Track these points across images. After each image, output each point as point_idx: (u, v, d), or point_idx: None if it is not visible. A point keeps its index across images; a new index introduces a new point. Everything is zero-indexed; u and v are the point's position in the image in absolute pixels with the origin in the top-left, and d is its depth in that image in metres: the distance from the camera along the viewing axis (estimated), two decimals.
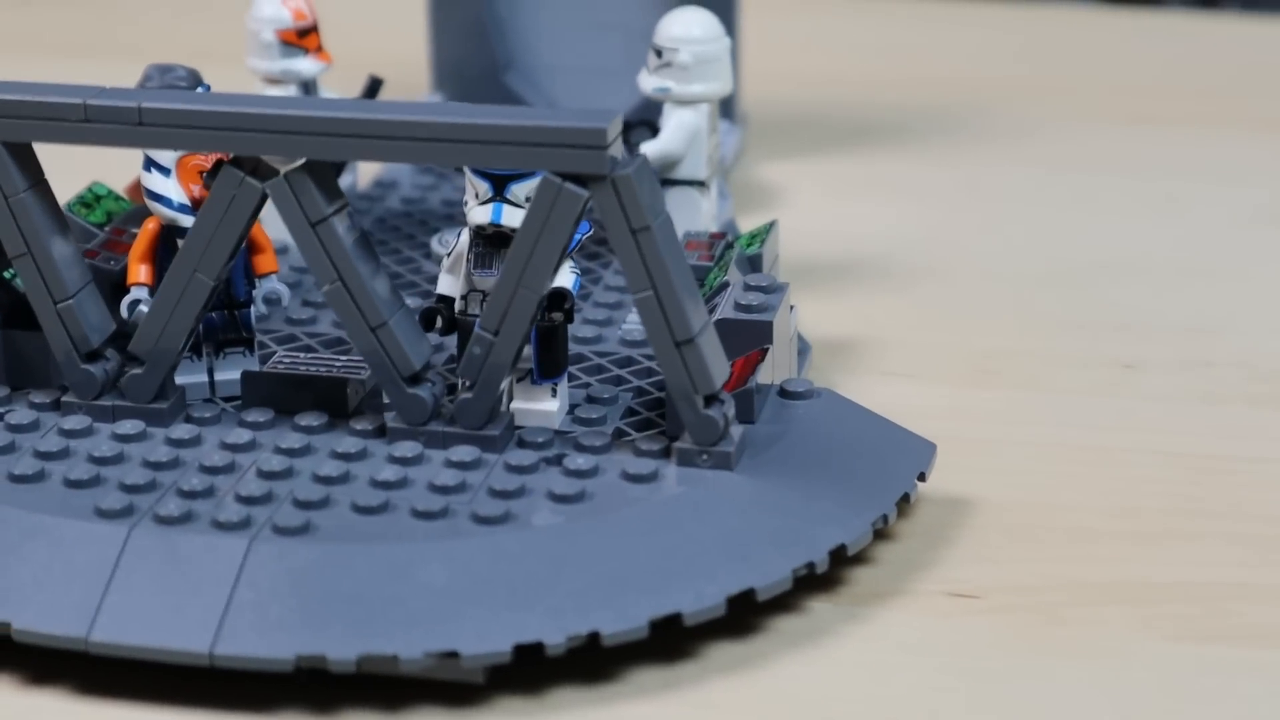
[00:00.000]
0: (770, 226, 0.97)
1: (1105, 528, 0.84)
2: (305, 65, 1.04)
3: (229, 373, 0.88)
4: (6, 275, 0.89)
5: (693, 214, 1.01)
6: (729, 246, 0.96)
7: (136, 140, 0.80)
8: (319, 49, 1.05)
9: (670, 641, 0.75)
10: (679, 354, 0.78)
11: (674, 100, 1.01)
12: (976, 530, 0.83)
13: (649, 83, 1.02)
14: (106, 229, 0.99)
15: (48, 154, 0.82)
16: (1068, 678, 0.74)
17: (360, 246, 0.80)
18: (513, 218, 0.82)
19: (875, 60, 1.43)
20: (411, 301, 0.96)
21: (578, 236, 0.84)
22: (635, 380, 0.89)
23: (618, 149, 0.77)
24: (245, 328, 0.88)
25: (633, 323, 0.94)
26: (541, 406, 0.84)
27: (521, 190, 0.82)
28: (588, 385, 0.88)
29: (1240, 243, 1.12)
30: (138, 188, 0.99)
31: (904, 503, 0.81)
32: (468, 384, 0.80)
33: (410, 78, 1.25)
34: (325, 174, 0.80)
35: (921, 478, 0.83)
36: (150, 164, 0.87)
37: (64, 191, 0.88)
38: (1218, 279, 1.07)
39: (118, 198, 1.00)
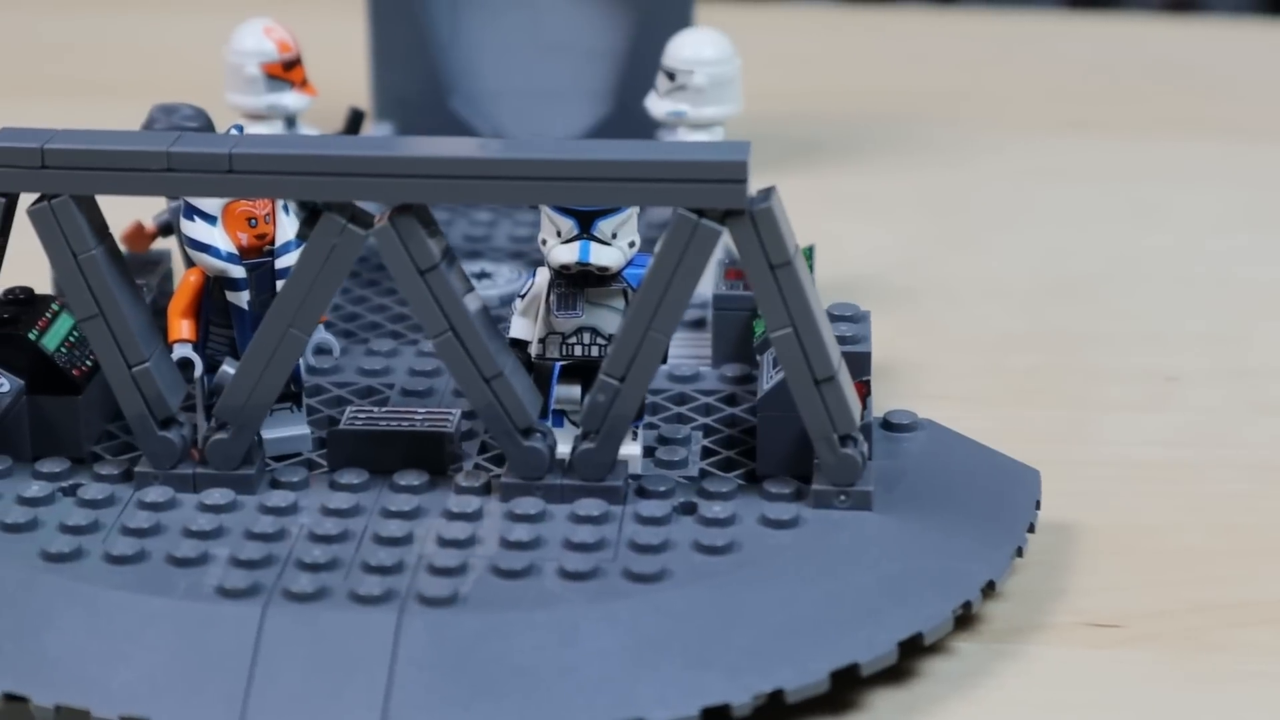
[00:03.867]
0: (810, 250, 0.95)
1: (1212, 546, 0.83)
2: (291, 100, 0.99)
3: (278, 430, 0.82)
4: (31, 336, 0.83)
5: None
6: None
7: (224, 189, 0.75)
8: (304, 82, 1.00)
9: (834, 692, 0.72)
10: (819, 392, 0.75)
11: (688, 124, 0.98)
12: (1087, 556, 0.82)
13: (661, 106, 0.98)
14: None
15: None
16: (1240, 704, 0.73)
17: (471, 294, 0.76)
18: (601, 256, 0.79)
19: (816, 74, 1.41)
20: (408, 350, 0.92)
21: (639, 270, 0.80)
22: (698, 417, 0.86)
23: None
24: (294, 382, 0.83)
25: (680, 357, 0.91)
26: (624, 451, 0.80)
27: (609, 226, 0.79)
28: (653, 426, 0.85)
29: (1235, 246, 1.13)
30: (136, 235, 0.94)
31: (1030, 532, 0.80)
32: (587, 433, 0.77)
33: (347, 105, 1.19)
34: (430, 218, 0.75)
35: (1036, 505, 0.81)
36: (193, 212, 0.81)
37: None
38: (1222, 284, 1.07)
39: None
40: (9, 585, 0.72)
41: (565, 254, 0.79)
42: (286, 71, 0.99)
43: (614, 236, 0.79)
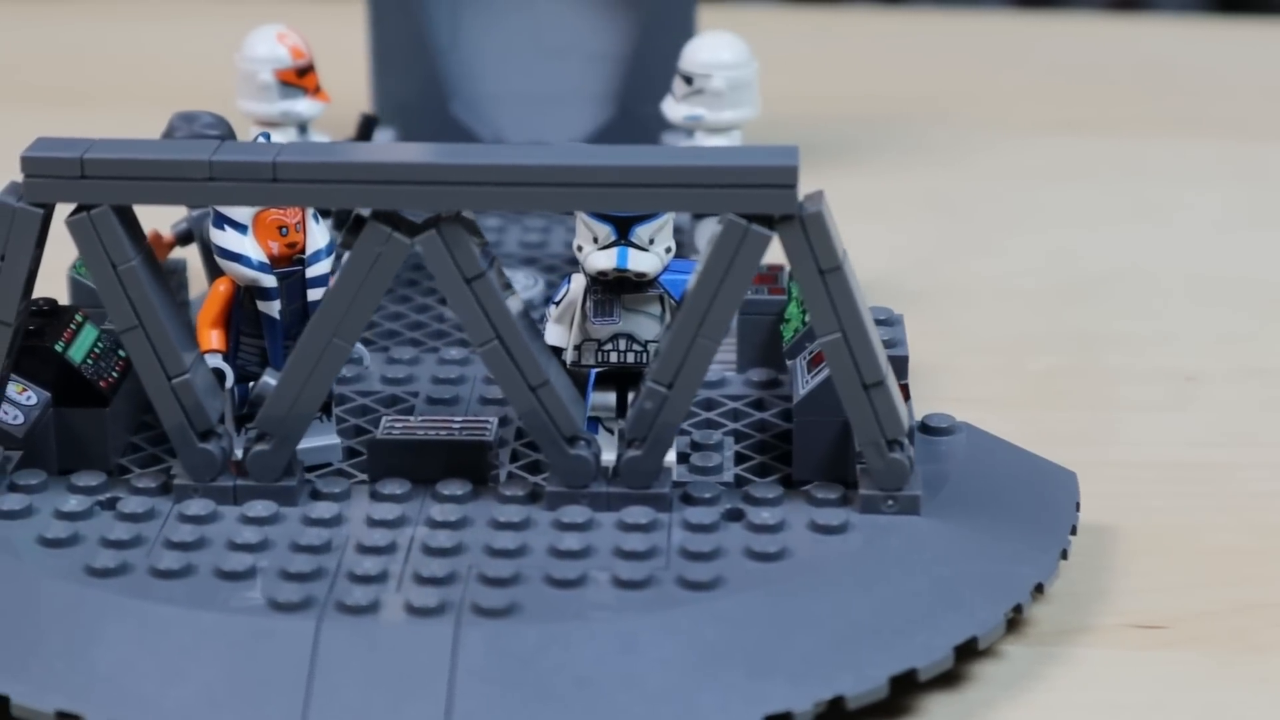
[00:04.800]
0: None
1: (1250, 546, 0.83)
2: (305, 106, 0.98)
3: (309, 441, 0.82)
4: (57, 348, 0.82)
5: None
6: (794, 277, 0.92)
7: (268, 198, 0.74)
8: (317, 89, 0.99)
9: (888, 698, 0.72)
10: (868, 397, 0.75)
11: (706, 128, 0.98)
12: (1126, 557, 0.82)
13: (678, 111, 0.98)
14: None
15: None
16: None
17: (515, 301, 0.75)
18: (639, 262, 0.78)
19: (814, 76, 1.41)
20: (429, 358, 0.91)
21: (683, 277, 0.80)
22: (727, 422, 0.86)
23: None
24: None
25: None
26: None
27: (646, 232, 0.78)
28: (685, 432, 0.84)
29: (1240, 245, 1.13)
30: (154, 244, 0.92)
31: (1072, 534, 0.80)
32: (632, 441, 0.76)
33: (351, 111, 1.18)
34: (475, 226, 0.75)
35: (1076, 507, 0.81)
36: (223, 221, 0.80)
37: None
38: (1232, 283, 1.08)
39: None
40: (55, 601, 0.71)
41: (603, 260, 0.78)
42: (300, 78, 0.98)
43: (651, 242, 0.78)
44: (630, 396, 0.80)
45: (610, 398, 0.80)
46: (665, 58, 1.14)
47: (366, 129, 1.02)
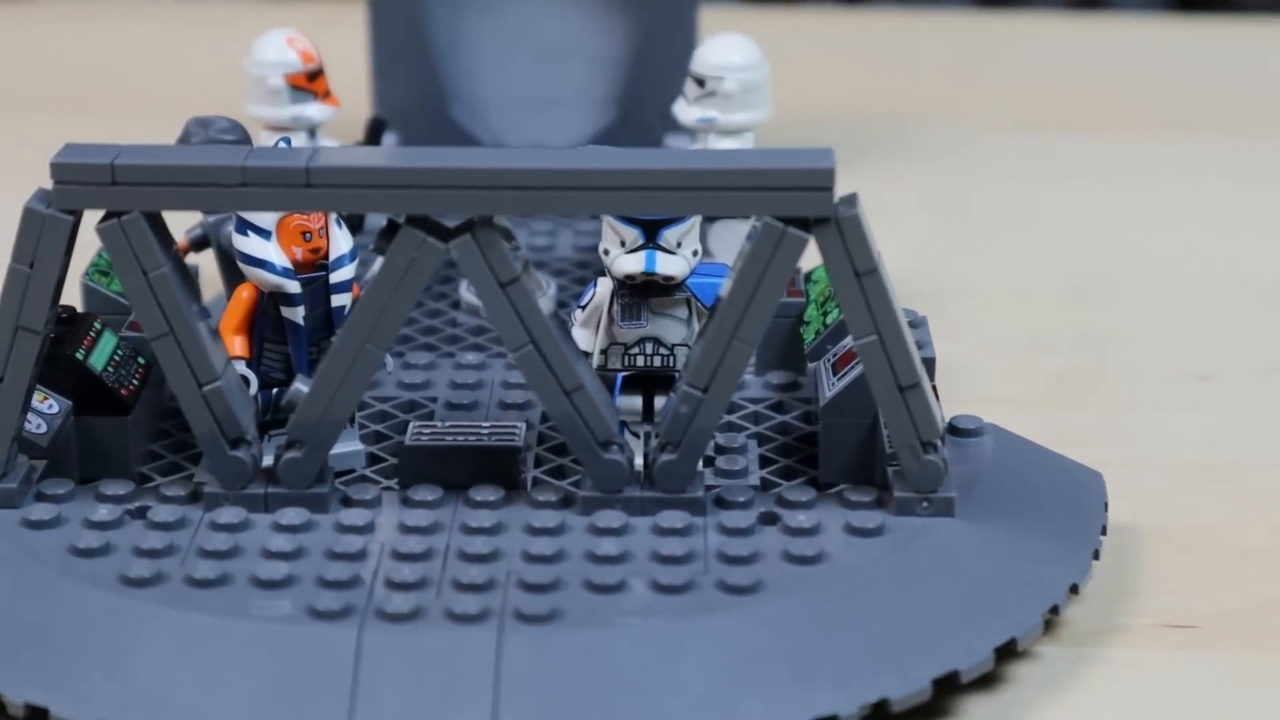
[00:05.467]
0: None
1: (1277, 545, 0.83)
2: (315, 111, 0.98)
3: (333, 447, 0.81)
4: (78, 356, 0.81)
5: (739, 247, 0.97)
6: (809, 279, 0.92)
7: (301, 203, 0.73)
8: (327, 93, 0.98)
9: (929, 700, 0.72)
10: (903, 400, 0.75)
11: (718, 130, 0.97)
12: (1153, 557, 0.82)
13: (690, 113, 0.98)
14: None
15: None
16: None
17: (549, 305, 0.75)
18: (667, 265, 0.78)
19: (812, 77, 1.41)
20: (445, 363, 0.91)
21: (710, 280, 0.80)
22: (749, 425, 0.86)
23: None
24: None
25: None
26: None
27: (674, 235, 0.78)
28: None
29: (1243, 243, 1.13)
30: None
31: (1102, 534, 0.80)
32: (668, 445, 0.76)
33: (352, 115, 1.18)
34: (508, 230, 0.74)
35: (1104, 507, 0.81)
36: (246, 227, 0.79)
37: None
38: (1239, 281, 1.08)
39: None
40: (90, 612, 0.71)
41: (630, 264, 0.78)
42: (310, 82, 0.98)
43: (678, 245, 0.78)
44: (656, 400, 0.80)
45: (636, 401, 0.80)
46: (667, 60, 1.15)
47: (375, 133, 1.02)
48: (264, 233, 0.79)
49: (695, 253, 0.79)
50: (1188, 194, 1.22)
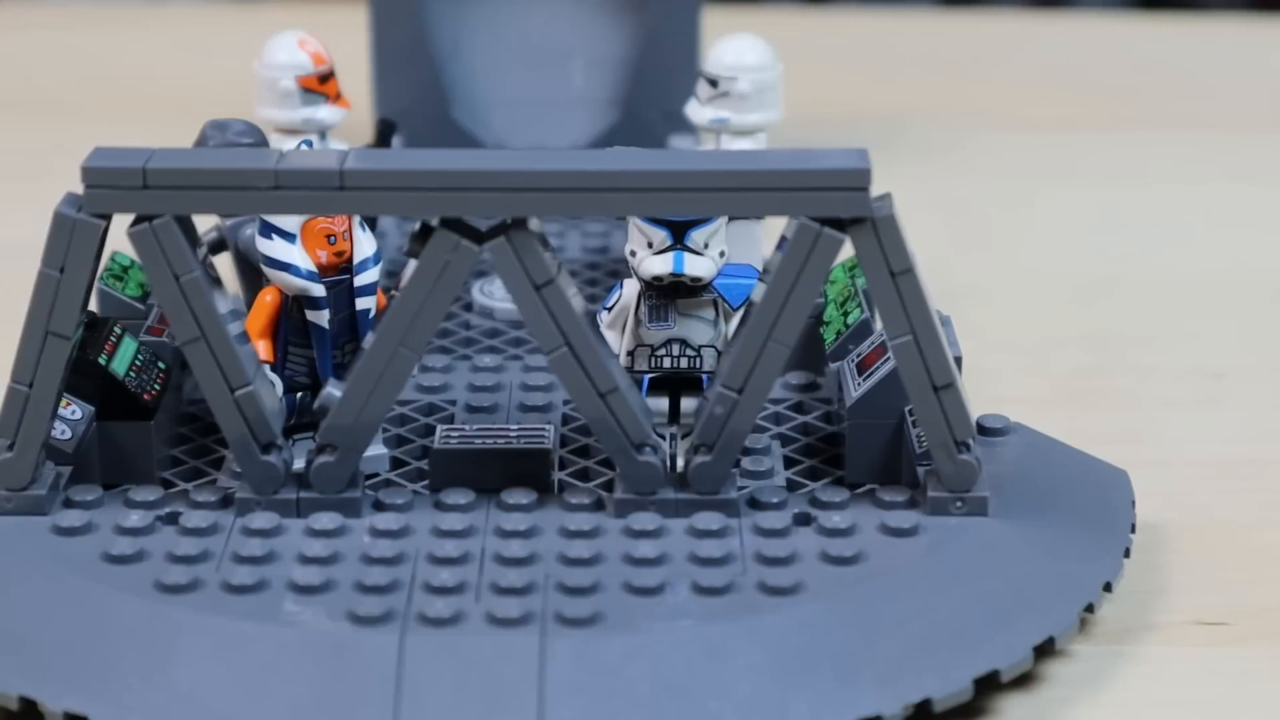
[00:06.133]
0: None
1: None
2: (326, 113, 0.97)
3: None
4: (100, 361, 0.81)
5: (751, 248, 0.97)
6: (828, 280, 0.92)
7: (334, 206, 0.73)
8: (338, 95, 0.98)
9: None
10: (938, 400, 0.75)
11: (731, 131, 0.97)
12: (1179, 554, 0.82)
13: (703, 114, 0.98)
14: (148, 302, 0.90)
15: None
16: None
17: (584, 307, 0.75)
18: (695, 267, 0.78)
19: (810, 77, 1.41)
20: (462, 365, 0.91)
21: (736, 281, 0.80)
22: (771, 426, 0.86)
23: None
24: None
25: None
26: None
27: (701, 236, 0.78)
28: None
29: (1246, 241, 1.14)
30: None
31: (1131, 532, 0.80)
32: (703, 446, 0.76)
33: (354, 117, 1.18)
34: (542, 233, 0.74)
35: (1132, 505, 0.81)
36: (271, 230, 0.79)
37: None
38: (1246, 279, 1.08)
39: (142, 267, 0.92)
40: (126, 619, 0.70)
41: (659, 265, 0.78)
42: (321, 84, 0.97)
43: (705, 246, 0.78)
44: (683, 402, 0.80)
45: (663, 403, 0.80)
46: (669, 61, 1.15)
47: (385, 135, 1.01)
48: (288, 236, 0.79)
49: (722, 254, 0.79)
50: (1189, 193, 1.22)
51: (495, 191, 0.72)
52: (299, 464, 0.77)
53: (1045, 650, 0.73)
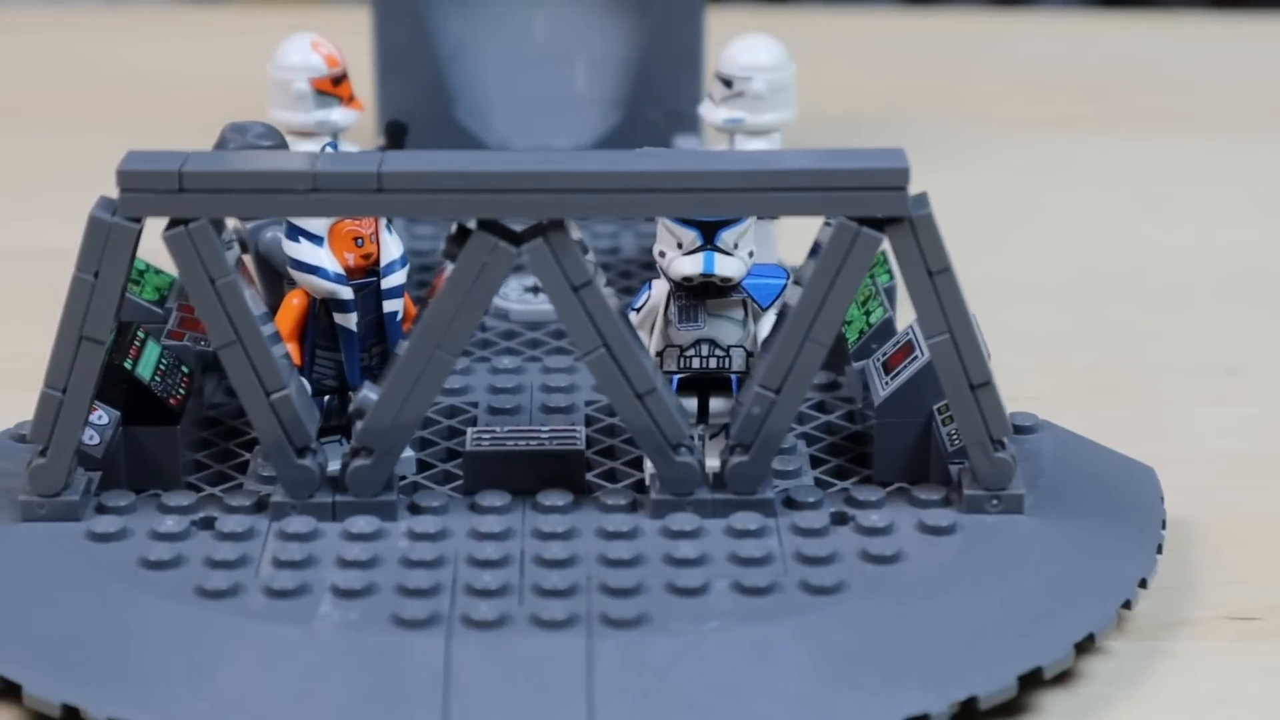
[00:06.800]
0: (885, 254, 0.94)
1: None
2: (340, 115, 0.97)
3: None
4: (127, 365, 0.80)
5: (768, 247, 0.97)
6: None
7: (372, 208, 0.73)
8: (351, 97, 0.97)
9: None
10: (974, 398, 0.75)
11: (746, 131, 0.97)
12: (1207, 550, 0.82)
13: (717, 114, 0.98)
14: (166, 306, 0.90)
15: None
16: None
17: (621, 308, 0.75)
18: (725, 267, 0.78)
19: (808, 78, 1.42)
20: (481, 367, 0.91)
21: (765, 281, 0.80)
22: (794, 425, 0.86)
23: None
24: None
25: None
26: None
27: (731, 236, 0.78)
28: None
29: (1249, 238, 1.14)
30: None
31: (1162, 527, 0.80)
32: (739, 447, 0.76)
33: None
34: (582, 241, 0.74)
35: (1161, 500, 0.82)
36: (298, 233, 0.79)
37: None
38: (1252, 275, 1.09)
39: (158, 270, 0.92)
40: (168, 625, 0.70)
41: (688, 265, 0.78)
42: (335, 86, 0.97)
43: (735, 246, 0.78)
44: (711, 402, 0.80)
45: (691, 404, 0.80)
46: (673, 61, 1.15)
47: (398, 136, 1.01)
48: (316, 239, 0.79)
49: (751, 254, 0.79)
50: (1190, 190, 1.22)
51: (534, 193, 0.72)
52: (333, 467, 0.77)
53: (1083, 647, 0.73)
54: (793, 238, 0.97)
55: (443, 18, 1.16)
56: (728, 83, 0.97)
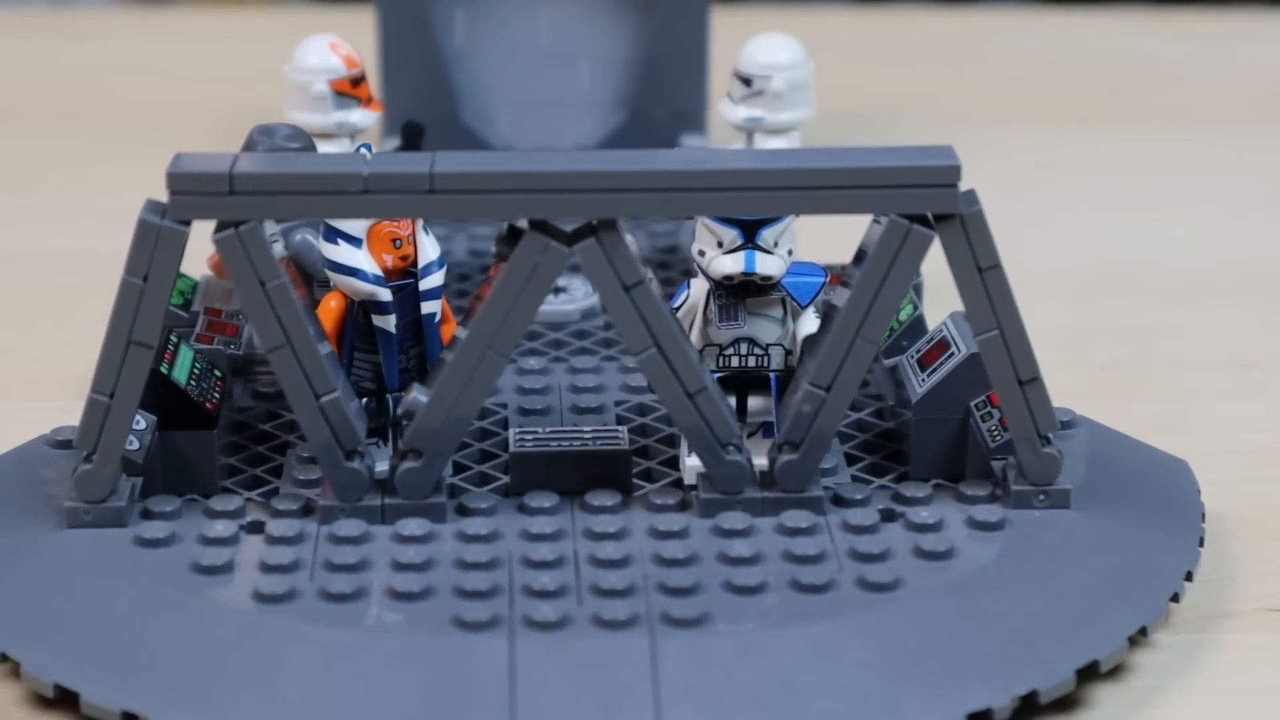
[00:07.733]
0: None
1: None
2: (359, 117, 0.97)
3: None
4: (163, 370, 0.80)
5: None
6: None
7: (424, 210, 0.72)
8: (370, 99, 0.97)
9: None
10: (1022, 394, 0.75)
11: (766, 130, 0.98)
12: (1242, 543, 0.82)
13: (737, 113, 0.98)
14: (192, 310, 0.90)
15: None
16: None
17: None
18: (766, 265, 0.78)
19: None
20: (509, 369, 0.90)
21: (804, 279, 0.80)
22: None
23: None
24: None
25: None
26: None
27: (771, 235, 0.78)
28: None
29: (1252, 233, 1.15)
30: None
31: (1202, 521, 0.81)
32: (789, 445, 0.76)
33: None
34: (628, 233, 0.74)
35: (1198, 493, 0.82)
36: (336, 235, 0.78)
37: None
38: (1260, 269, 1.10)
39: (181, 274, 0.91)
40: (227, 630, 0.69)
41: (729, 264, 0.78)
42: (354, 88, 0.96)
43: (775, 245, 0.78)
44: (750, 400, 0.80)
45: (731, 402, 0.80)
46: (678, 60, 1.14)
47: (414, 137, 1.00)
48: (355, 240, 0.78)
49: (790, 251, 0.79)
50: (1192, 185, 1.23)
51: (587, 193, 0.72)
52: (381, 469, 0.77)
53: (1134, 640, 0.74)
54: (809, 237, 0.98)
55: (447, 18, 1.15)
56: (747, 81, 0.97)
